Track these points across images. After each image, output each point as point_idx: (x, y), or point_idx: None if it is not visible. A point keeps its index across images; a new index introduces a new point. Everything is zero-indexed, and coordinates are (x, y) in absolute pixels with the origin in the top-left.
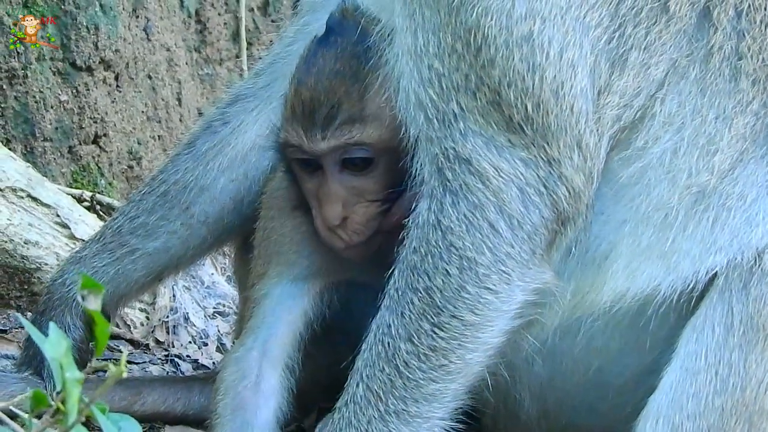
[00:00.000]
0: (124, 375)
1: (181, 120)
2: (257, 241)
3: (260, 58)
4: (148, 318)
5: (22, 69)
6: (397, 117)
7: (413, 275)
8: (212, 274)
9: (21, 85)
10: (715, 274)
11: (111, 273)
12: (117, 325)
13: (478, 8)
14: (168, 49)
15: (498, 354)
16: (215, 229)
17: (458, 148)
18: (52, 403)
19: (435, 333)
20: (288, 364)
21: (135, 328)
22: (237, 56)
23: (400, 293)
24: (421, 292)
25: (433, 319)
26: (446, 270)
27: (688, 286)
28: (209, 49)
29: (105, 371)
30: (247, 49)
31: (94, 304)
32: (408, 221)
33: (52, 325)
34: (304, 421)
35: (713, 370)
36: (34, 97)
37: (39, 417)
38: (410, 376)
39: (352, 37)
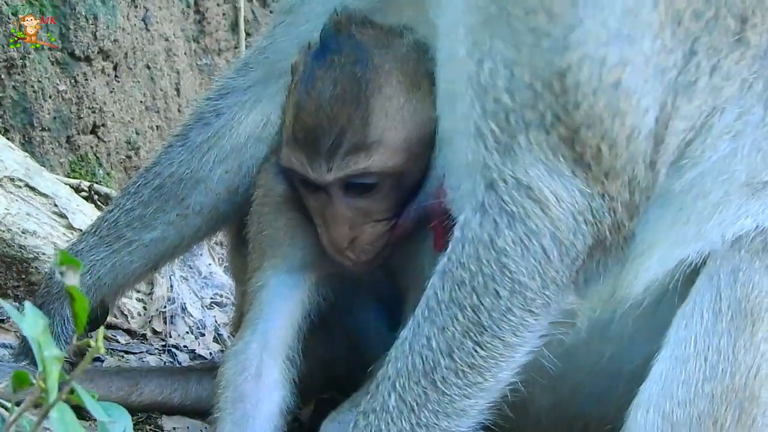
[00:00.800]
0: (102, 351)
1: (179, 110)
2: (252, 235)
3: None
4: (145, 308)
5: (21, 59)
6: (406, 139)
7: (460, 291)
8: (209, 264)
9: (19, 74)
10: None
11: (108, 265)
12: (114, 315)
13: (572, 54)
14: (167, 39)
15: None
16: (210, 218)
17: (519, 175)
18: (34, 381)
19: (476, 351)
20: (288, 355)
21: (132, 318)
22: (236, 47)
23: (443, 307)
24: (467, 310)
25: (477, 337)
26: (497, 291)
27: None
28: (208, 40)
29: (103, 361)
30: (246, 39)
31: (72, 279)
32: (430, 229)
33: (27, 304)
34: (301, 413)
35: (702, 356)
36: (33, 86)
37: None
38: (446, 391)
39: (349, 56)
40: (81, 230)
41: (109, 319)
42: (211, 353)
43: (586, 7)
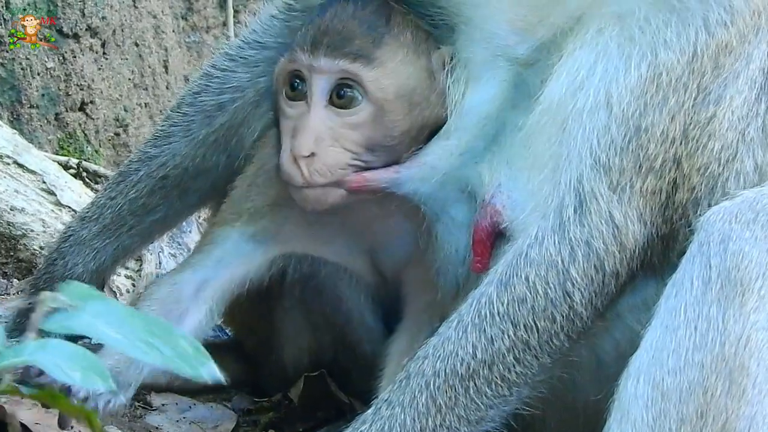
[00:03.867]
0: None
1: (167, 87)
2: (234, 194)
3: (245, 40)
4: (134, 285)
5: (9, 36)
6: (401, 90)
7: (519, 308)
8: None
9: (7, 51)
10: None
11: (110, 250)
12: (103, 292)
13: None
14: (155, 17)
15: None
16: (209, 197)
17: (616, 213)
18: None
19: (513, 366)
20: (212, 309)
21: (121, 294)
22: (224, 24)
23: (497, 320)
24: (520, 328)
25: (519, 354)
26: (553, 315)
27: None
28: (196, 17)
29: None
30: (234, 16)
31: None
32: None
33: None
34: (290, 391)
35: (692, 325)
36: (21, 64)
37: None
38: (475, 399)
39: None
40: (69, 207)
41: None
42: None
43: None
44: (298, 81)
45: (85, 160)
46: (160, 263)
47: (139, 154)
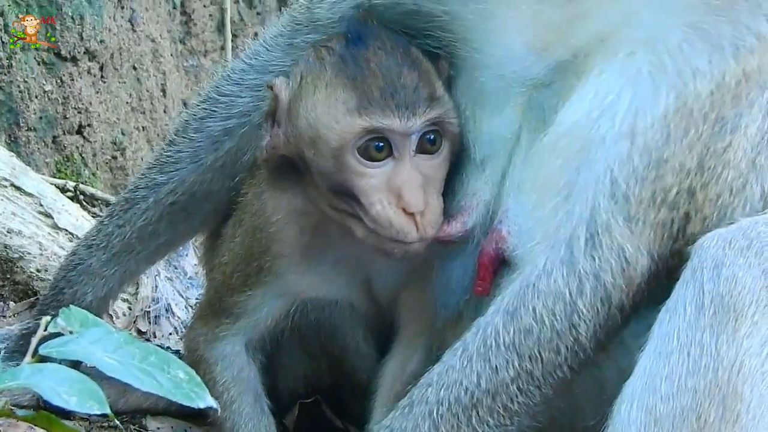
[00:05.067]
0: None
1: (165, 111)
2: (250, 245)
3: (249, 63)
4: (130, 308)
5: (7, 59)
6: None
7: (525, 340)
8: (195, 264)
9: (5, 74)
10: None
11: (117, 277)
12: (99, 316)
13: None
14: (153, 40)
15: None
16: (210, 219)
17: (628, 246)
18: None
19: (516, 397)
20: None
21: (117, 318)
22: (222, 48)
23: (502, 350)
24: (525, 359)
25: (523, 385)
26: (558, 347)
27: None
28: (194, 41)
29: None
30: (232, 41)
31: None
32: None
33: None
34: (285, 418)
35: (685, 350)
36: (19, 86)
37: None
38: (477, 427)
39: (389, 38)
40: (66, 230)
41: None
42: None
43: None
44: (379, 142)
45: (82, 183)
46: (156, 287)
47: (145, 181)
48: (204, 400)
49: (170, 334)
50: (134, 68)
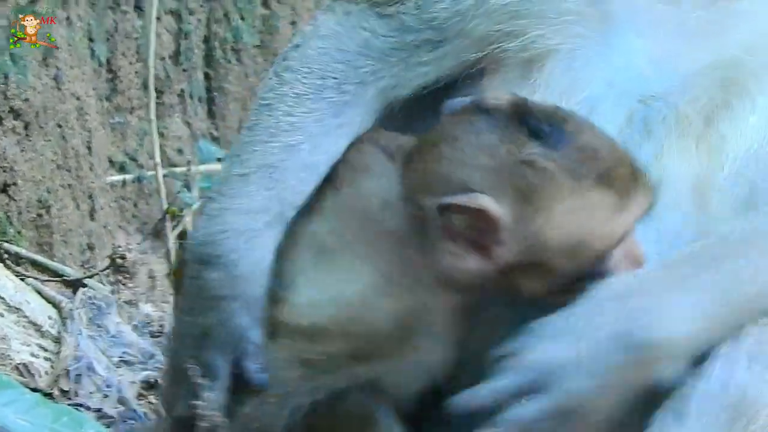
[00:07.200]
0: None
1: (91, 169)
2: None
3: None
4: (52, 367)
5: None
6: None
7: None
8: (118, 323)
9: None
10: None
11: None
12: (22, 374)
13: None
14: (78, 98)
15: None
16: None
17: None
18: None
19: None
20: None
21: (40, 376)
22: (147, 105)
23: None
24: None
25: None
26: None
27: None
28: (120, 98)
29: None
30: (157, 98)
31: None
32: None
33: None
34: None
35: None
36: None
37: None
38: None
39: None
40: None
41: (16, 378)
42: (118, 413)
43: None
44: None
45: (7, 242)
46: (78, 345)
47: None
48: None
49: (92, 393)
50: (59, 126)
